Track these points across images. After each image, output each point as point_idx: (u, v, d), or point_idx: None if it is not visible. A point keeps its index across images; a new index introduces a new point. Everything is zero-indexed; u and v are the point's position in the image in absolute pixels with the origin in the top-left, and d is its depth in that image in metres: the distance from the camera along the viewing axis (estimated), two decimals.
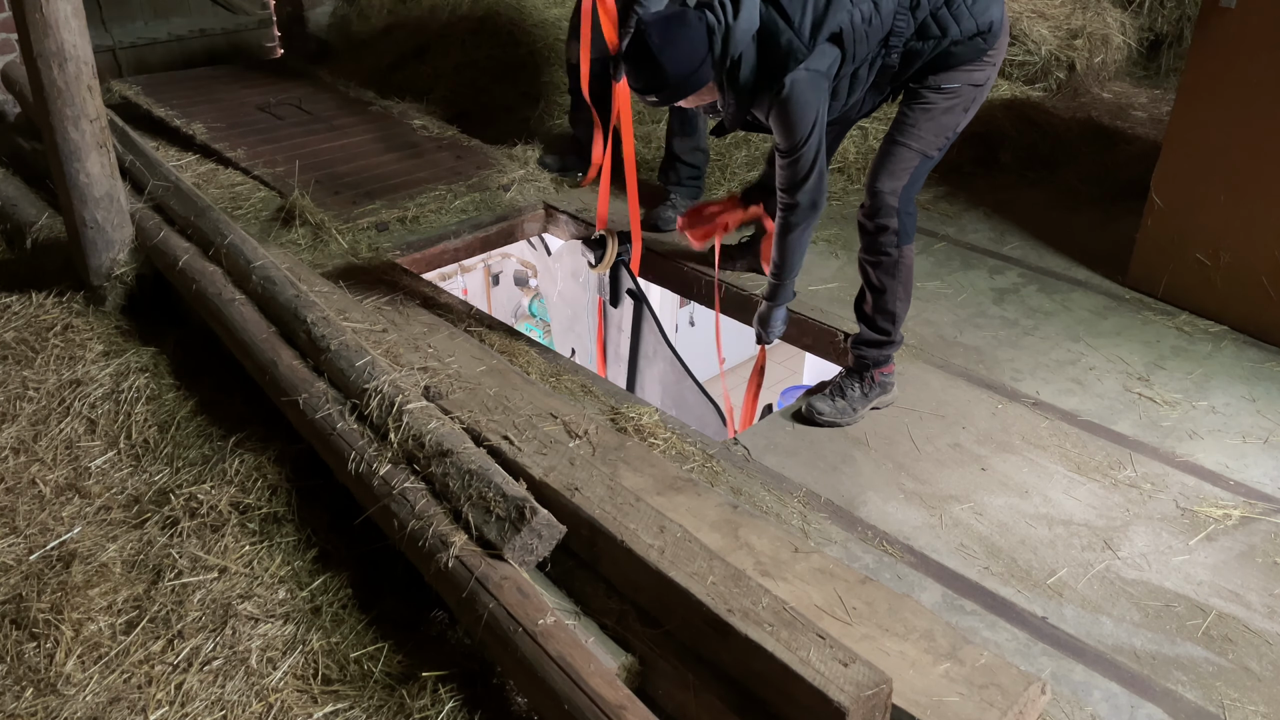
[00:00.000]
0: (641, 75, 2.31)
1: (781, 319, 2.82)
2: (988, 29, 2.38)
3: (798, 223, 2.54)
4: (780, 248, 2.61)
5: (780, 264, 2.65)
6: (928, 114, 2.47)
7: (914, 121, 2.49)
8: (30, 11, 2.63)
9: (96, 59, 2.81)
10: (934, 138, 2.50)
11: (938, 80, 2.45)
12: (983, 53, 2.42)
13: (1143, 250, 3.47)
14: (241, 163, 4.16)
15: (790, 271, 2.67)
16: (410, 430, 2.12)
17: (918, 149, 2.50)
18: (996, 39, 2.42)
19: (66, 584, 2.09)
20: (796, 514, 2.42)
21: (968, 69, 2.44)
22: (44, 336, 2.89)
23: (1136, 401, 2.91)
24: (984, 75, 2.46)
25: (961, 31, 2.36)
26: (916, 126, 2.48)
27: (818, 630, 1.66)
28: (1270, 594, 2.24)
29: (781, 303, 2.77)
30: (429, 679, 1.86)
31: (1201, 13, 3.16)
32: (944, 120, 2.48)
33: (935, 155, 2.54)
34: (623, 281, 3.80)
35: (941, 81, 2.44)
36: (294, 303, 2.57)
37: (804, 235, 2.58)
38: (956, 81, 2.44)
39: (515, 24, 5.30)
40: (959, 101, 2.47)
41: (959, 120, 2.51)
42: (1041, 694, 1.83)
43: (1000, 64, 2.52)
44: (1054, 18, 5.22)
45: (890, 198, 2.53)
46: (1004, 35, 2.46)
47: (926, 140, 2.49)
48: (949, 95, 2.46)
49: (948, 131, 2.51)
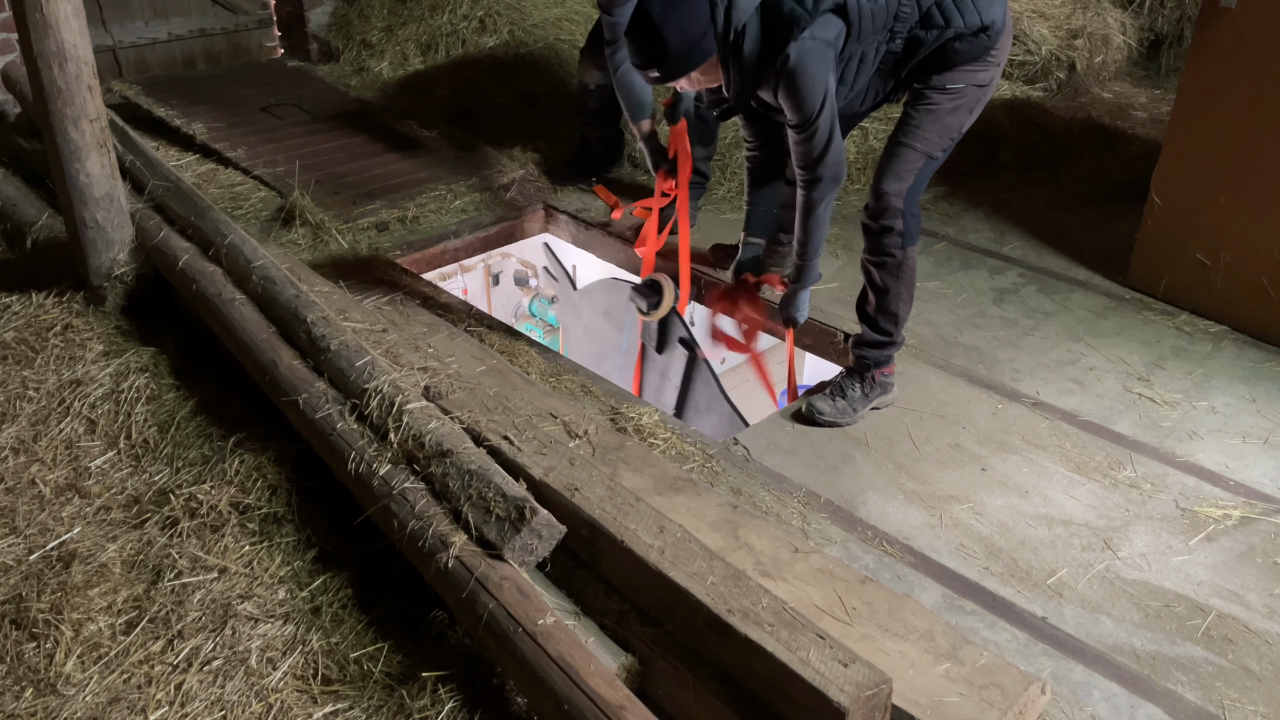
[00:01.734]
0: (643, 48, 2.28)
1: (807, 299, 2.76)
2: (990, 25, 2.37)
3: (820, 198, 2.48)
4: (804, 226, 2.54)
5: (805, 243, 2.58)
6: (932, 115, 2.47)
7: (919, 123, 2.48)
8: (30, 11, 2.63)
9: (96, 59, 2.81)
10: (938, 138, 2.49)
11: (942, 80, 2.44)
12: (986, 51, 2.42)
13: (1143, 250, 3.47)
14: (241, 163, 4.16)
15: (816, 250, 2.61)
16: (410, 430, 2.12)
17: (922, 150, 2.49)
18: (999, 37, 2.41)
19: (66, 584, 2.09)
20: (796, 514, 2.42)
21: (971, 69, 2.43)
22: (44, 336, 2.89)
23: (1136, 401, 2.91)
24: (988, 75, 2.46)
25: (965, 24, 2.35)
26: (921, 128, 2.48)
27: (818, 630, 1.66)
28: (1270, 594, 2.24)
29: (807, 284, 2.71)
30: (429, 679, 1.86)
31: (1201, 13, 3.16)
32: (948, 121, 2.48)
33: (940, 156, 2.53)
34: (674, 329, 3.52)
35: (946, 82, 2.44)
36: (294, 303, 2.57)
37: (827, 211, 2.53)
38: (960, 82, 2.44)
39: (515, 24, 5.31)
40: (963, 102, 2.47)
41: (963, 121, 2.50)
42: (1041, 694, 1.83)
43: (1004, 64, 2.51)
44: (1054, 18, 5.22)
45: (895, 199, 2.52)
46: (1007, 35, 2.46)
47: (931, 141, 2.49)
48: (953, 95, 2.45)
49: (952, 132, 2.50)
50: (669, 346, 3.56)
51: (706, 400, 3.52)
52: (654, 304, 3.26)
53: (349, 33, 5.65)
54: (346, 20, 5.71)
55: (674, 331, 3.50)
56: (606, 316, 4.03)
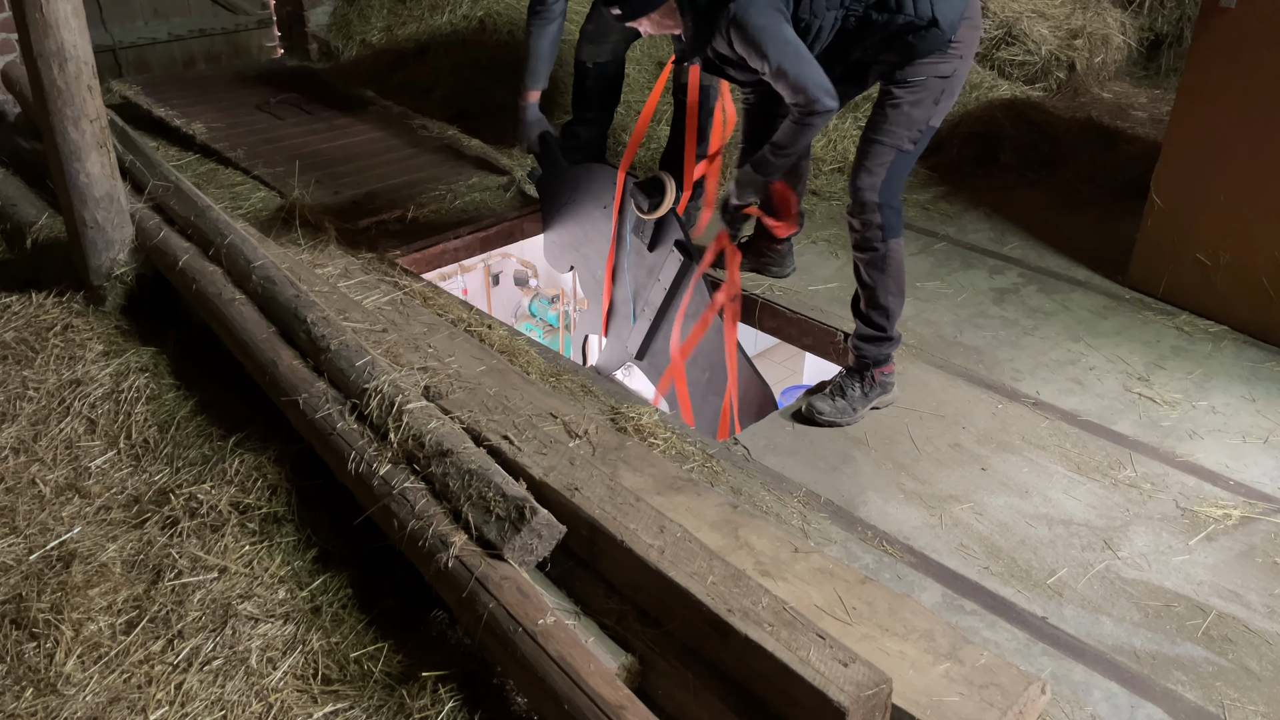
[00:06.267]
0: None
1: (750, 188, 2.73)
2: (939, 20, 2.41)
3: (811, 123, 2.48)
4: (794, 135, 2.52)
5: (785, 147, 2.56)
6: (896, 109, 2.55)
7: (885, 117, 2.57)
8: (30, 11, 2.63)
9: (96, 59, 2.81)
10: (905, 131, 2.56)
11: (903, 74, 2.52)
12: (943, 44, 2.47)
13: (1143, 250, 3.47)
14: (241, 163, 4.16)
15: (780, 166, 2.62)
16: (410, 430, 2.12)
17: (890, 144, 2.57)
18: (955, 30, 2.46)
19: (66, 584, 2.09)
20: (796, 514, 2.42)
21: (931, 61, 2.49)
22: (44, 336, 2.89)
23: (1136, 401, 2.91)
24: (949, 67, 2.52)
25: (916, 14, 2.41)
26: (887, 121, 2.56)
27: (818, 630, 1.66)
28: (1270, 594, 2.24)
29: (754, 179, 2.69)
30: (429, 679, 1.86)
31: (1201, 13, 3.16)
32: (913, 114, 2.54)
33: (910, 149, 2.59)
34: (671, 229, 3.35)
35: (906, 75, 2.52)
36: (294, 303, 2.57)
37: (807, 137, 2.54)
38: (921, 75, 2.51)
39: (515, 24, 5.30)
40: (926, 95, 2.53)
41: (929, 114, 2.56)
42: (1041, 694, 1.83)
43: (971, 57, 2.56)
44: (1054, 18, 5.22)
45: (869, 193, 2.59)
46: (971, 28, 2.51)
47: (898, 135, 2.56)
48: (914, 89, 2.52)
49: (919, 125, 2.56)
50: (662, 246, 3.43)
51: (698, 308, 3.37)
52: (655, 204, 3.19)
53: (349, 33, 5.65)
54: (346, 20, 5.71)
55: (670, 232, 3.37)
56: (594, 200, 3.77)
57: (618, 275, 3.66)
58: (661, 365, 3.54)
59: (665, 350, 3.53)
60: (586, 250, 3.82)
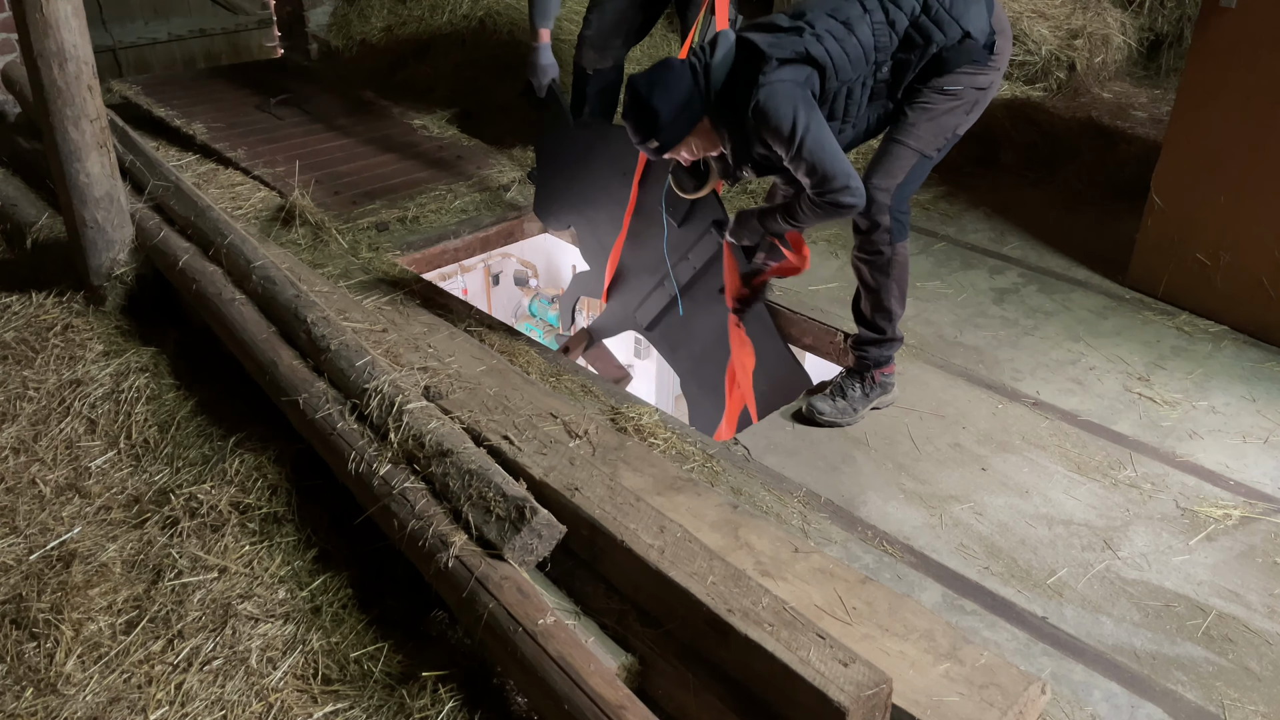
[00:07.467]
0: (639, 123, 2.39)
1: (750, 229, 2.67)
2: (970, 32, 2.37)
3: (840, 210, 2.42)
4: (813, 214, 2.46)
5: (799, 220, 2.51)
6: (927, 114, 2.46)
7: (913, 121, 2.47)
8: (30, 11, 2.63)
9: (96, 59, 2.81)
10: (933, 138, 2.48)
11: (940, 82, 2.43)
12: (984, 55, 2.41)
13: (1143, 250, 3.47)
14: (241, 163, 4.16)
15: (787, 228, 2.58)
16: (410, 430, 2.12)
17: (915, 148, 2.49)
18: (995, 41, 2.41)
19: (66, 584, 2.09)
20: (796, 514, 2.42)
21: (970, 72, 2.42)
22: (44, 336, 2.89)
23: (1136, 401, 2.91)
24: (987, 79, 2.45)
25: (946, 37, 2.37)
26: (916, 126, 2.47)
27: (818, 630, 1.66)
28: (1270, 594, 2.24)
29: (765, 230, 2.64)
30: (429, 679, 1.86)
31: (1201, 13, 3.16)
32: (944, 121, 2.47)
33: (934, 156, 2.53)
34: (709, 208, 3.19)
35: (944, 84, 2.43)
36: (294, 303, 2.57)
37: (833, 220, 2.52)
38: (959, 84, 2.43)
39: (515, 24, 5.31)
40: (960, 104, 2.46)
41: (959, 122, 2.50)
42: (1041, 694, 1.83)
43: (1004, 69, 2.51)
44: (1054, 18, 5.22)
45: (883, 195, 2.51)
46: (1005, 39, 2.45)
47: (925, 140, 2.48)
48: (950, 97, 2.45)
49: (947, 132, 2.50)
50: (695, 224, 3.28)
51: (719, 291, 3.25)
52: (696, 187, 3.05)
53: (349, 33, 5.65)
54: (346, 20, 5.71)
55: (707, 211, 3.20)
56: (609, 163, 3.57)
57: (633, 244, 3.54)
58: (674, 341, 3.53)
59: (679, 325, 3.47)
60: (593, 213, 3.68)
